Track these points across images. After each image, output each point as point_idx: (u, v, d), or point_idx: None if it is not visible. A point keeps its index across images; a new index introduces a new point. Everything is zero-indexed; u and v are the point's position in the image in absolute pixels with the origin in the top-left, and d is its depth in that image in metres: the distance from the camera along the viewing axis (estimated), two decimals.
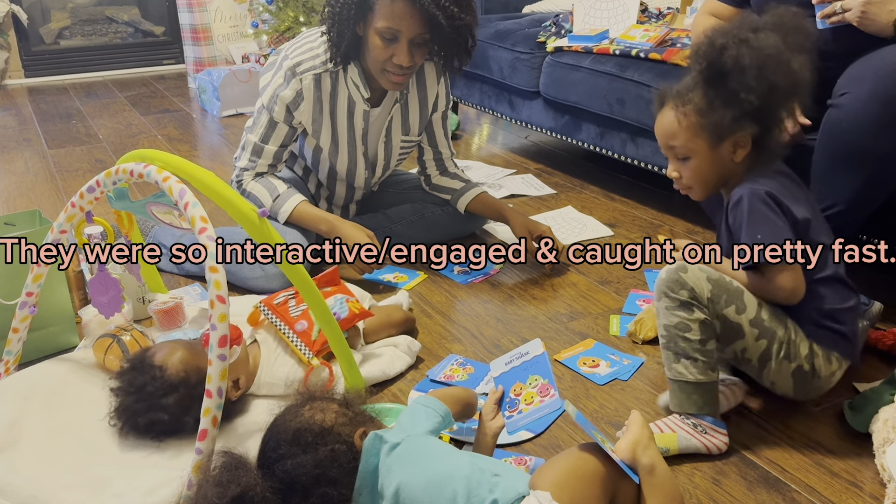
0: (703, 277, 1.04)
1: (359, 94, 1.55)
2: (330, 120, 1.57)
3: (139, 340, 1.23)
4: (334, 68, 1.53)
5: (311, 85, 1.53)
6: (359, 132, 1.60)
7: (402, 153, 1.71)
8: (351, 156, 1.62)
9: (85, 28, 4.21)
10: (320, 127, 1.58)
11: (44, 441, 1.07)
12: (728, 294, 1.04)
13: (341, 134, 1.59)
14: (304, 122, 1.57)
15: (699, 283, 1.03)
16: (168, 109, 3.33)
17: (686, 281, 1.03)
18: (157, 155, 1.05)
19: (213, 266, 0.94)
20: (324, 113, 1.56)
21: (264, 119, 1.57)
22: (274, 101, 1.55)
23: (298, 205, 1.57)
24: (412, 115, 1.65)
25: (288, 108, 1.55)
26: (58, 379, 1.19)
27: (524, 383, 1.00)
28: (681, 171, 1.11)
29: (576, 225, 1.92)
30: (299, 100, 1.54)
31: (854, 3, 1.23)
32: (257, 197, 1.59)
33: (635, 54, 1.93)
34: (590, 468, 0.83)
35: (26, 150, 2.72)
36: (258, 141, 1.58)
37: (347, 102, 1.56)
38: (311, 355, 1.18)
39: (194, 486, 0.91)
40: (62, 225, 1.13)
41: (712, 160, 1.08)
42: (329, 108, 1.56)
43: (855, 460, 1.04)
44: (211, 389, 0.93)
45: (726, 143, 1.07)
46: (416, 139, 1.69)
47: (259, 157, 1.59)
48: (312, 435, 0.84)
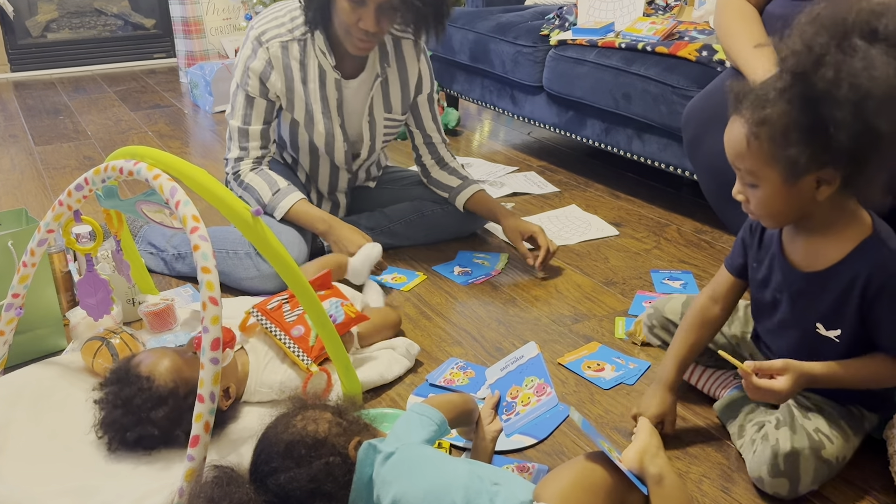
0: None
1: (326, 61, 1.55)
2: (302, 88, 1.57)
3: (129, 344, 1.21)
4: (302, 36, 1.53)
5: (278, 52, 1.53)
6: (333, 102, 1.59)
7: (386, 133, 1.70)
8: (327, 126, 1.61)
9: (73, 20, 4.17)
10: (293, 96, 1.57)
11: (30, 447, 1.05)
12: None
13: (314, 103, 1.59)
14: (278, 94, 1.57)
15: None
16: (159, 105, 3.30)
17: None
18: (148, 152, 1.04)
19: (206, 267, 0.92)
20: (295, 81, 1.56)
21: (241, 98, 1.57)
22: (246, 76, 1.55)
23: (298, 202, 1.56)
24: (393, 94, 1.64)
25: (261, 80, 1.55)
26: (45, 383, 1.18)
27: (520, 386, 1.00)
28: (748, 196, 0.89)
29: (580, 224, 1.90)
30: (269, 69, 1.54)
31: None
32: (256, 189, 1.58)
33: (642, 48, 1.91)
34: (596, 478, 0.82)
35: (12, 146, 2.69)
36: (241, 124, 1.58)
37: (318, 71, 1.56)
38: (309, 362, 1.16)
39: (185, 494, 0.89)
40: (49, 224, 1.12)
41: (787, 195, 0.85)
42: (300, 76, 1.56)
43: (868, 468, 1.02)
44: (203, 394, 0.91)
45: (806, 179, 0.84)
46: (399, 118, 1.68)
47: (248, 141, 1.59)
48: (306, 447, 0.82)
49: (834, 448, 0.97)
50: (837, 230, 0.90)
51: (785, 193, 0.85)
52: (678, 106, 1.74)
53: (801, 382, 0.92)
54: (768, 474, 0.95)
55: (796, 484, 0.95)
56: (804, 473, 0.94)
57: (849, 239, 0.90)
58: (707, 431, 1.11)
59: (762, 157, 0.83)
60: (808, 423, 0.97)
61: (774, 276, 0.97)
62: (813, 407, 1.00)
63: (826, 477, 0.97)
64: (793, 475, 0.94)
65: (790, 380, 0.90)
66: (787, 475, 0.94)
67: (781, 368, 0.91)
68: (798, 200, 0.86)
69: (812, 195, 0.85)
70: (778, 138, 0.81)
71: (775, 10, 1.39)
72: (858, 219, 0.90)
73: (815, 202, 0.86)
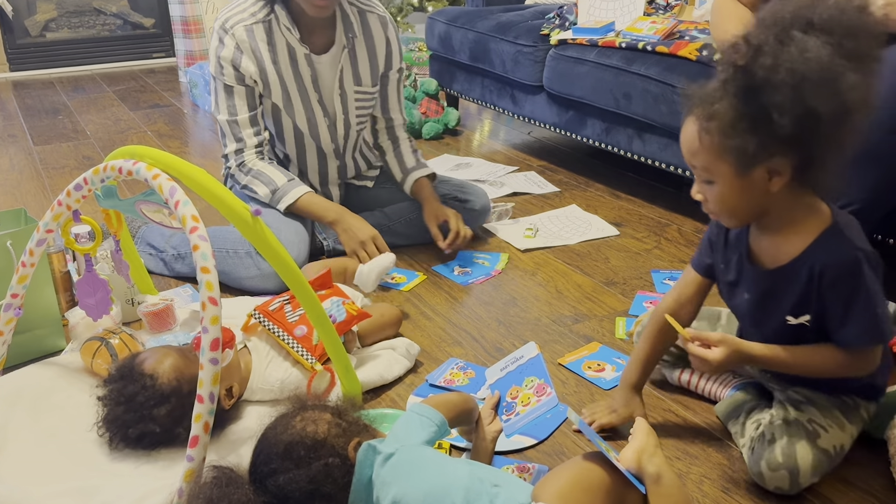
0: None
1: (292, 36, 1.57)
2: (274, 69, 1.58)
3: (128, 344, 1.21)
4: (265, 18, 1.55)
5: (244, 36, 1.55)
6: (307, 80, 1.61)
7: (359, 108, 1.70)
8: (306, 105, 1.63)
9: (72, 20, 4.16)
10: (267, 77, 1.58)
11: (30, 448, 1.05)
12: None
13: (290, 83, 1.60)
14: (253, 77, 1.58)
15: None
16: (158, 104, 3.30)
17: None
18: (147, 151, 1.04)
19: (205, 267, 0.92)
20: (266, 62, 1.57)
21: (220, 90, 1.59)
22: (220, 66, 1.57)
23: (308, 192, 1.59)
24: (362, 66, 1.66)
25: (234, 66, 1.56)
26: (44, 383, 1.18)
27: (520, 386, 1.00)
28: (706, 195, 0.92)
29: (580, 224, 1.90)
30: (239, 53, 1.55)
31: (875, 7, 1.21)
32: (269, 177, 1.60)
33: (642, 47, 1.91)
34: (594, 478, 0.81)
35: (11, 146, 2.68)
36: (228, 117, 1.60)
37: (287, 50, 1.58)
38: (313, 361, 1.16)
39: (185, 495, 0.89)
40: (48, 224, 1.12)
41: (741, 189, 0.87)
42: (270, 56, 1.57)
43: (869, 468, 1.02)
44: (202, 394, 0.90)
45: (758, 170, 0.85)
46: (370, 91, 1.70)
47: (240, 131, 1.60)
48: (305, 448, 0.82)
49: (830, 437, 0.97)
50: (797, 225, 0.92)
51: (739, 187, 0.87)
52: (679, 105, 1.73)
53: (734, 357, 0.94)
54: (767, 468, 0.96)
55: (796, 475, 0.95)
56: (802, 463, 0.95)
57: (808, 232, 0.91)
58: (708, 432, 1.11)
59: (714, 151, 0.86)
60: (801, 415, 0.99)
61: (743, 277, 0.99)
62: (804, 400, 1.01)
63: (826, 468, 0.97)
64: (791, 466, 0.95)
65: (722, 352, 0.93)
66: (786, 467, 0.95)
67: (718, 341, 0.94)
68: (753, 194, 0.88)
69: (766, 187, 0.86)
70: (727, 130, 0.83)
71: None
72: (817, 212, 0.92)
73: (771, 196, 0.87)
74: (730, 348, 0.93)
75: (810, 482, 0.96)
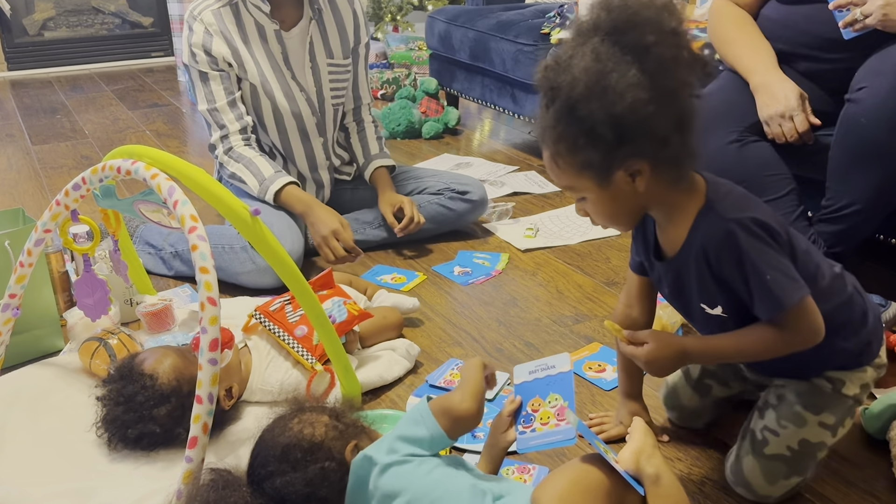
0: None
1: (262, 13, 1.59)
2: (246, 49, 1.60)
3: (127, 344, 1.21)
4: (232, 0, 1.58)
5: (212, 19, 1.58)
6: (279, 57, 1.63)
7: (333, 80, 1.71)
8: (283, 84, 1.64)
9: (70, 19, 4.16)
10: (240, 58, 1.60)
11: (28, 449, 1.05)
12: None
13: (263, 62, 1.61)
14: (227, 59, 1.59)
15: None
16: (157, 104, 3.29)
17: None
18: (146, 151, 1.04)
19: (204, 267, 0.92)
20: (237, 42, 1.59)
21: (197, 80, 1.61)
22: (192, 54, 1.59)
23: (290, 183, 1.59)
24: (332, 39, 1.68)
25: (205, 51, 1.58)
26: (42, 384, 1.18)
27: (544, 399, 0.94)
28: (586, 210, 0.90)
29: (581, 224, 1.89)
30: (209, 37, 1.58)
31: (874, 7, 1.21)
32: (258, 166, 1.61)
33: None
34: (594, 480, 0.80)
35: (9, 146, 2.68)
36: (208, 105, 1.61)
37: (257, 29, 1.60)
38: (314, 361, 1.16)
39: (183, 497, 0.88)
40: (46, 224, 1.12)
41: (611, 197, 0.86)
42: (240, 37, 1.60)
43: (871, 469, 1.02)
44: (201, 395, 0.90)
45: (617, 176, 0.84)
46: (343, 63, 1.71)
47: (221, 117, 1.62)
48: (302, 451, 0.82)
49: (781, 440, 0.95)
50: (679, 211, 0.90)
51: (608, 196, 0.86)
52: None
53: (667, 352, 0.91)
54: (732, 483, 1.00)
55: (753, 489, 0.97)
56: (751, 477, 0.96)
57: (689, 215, 0.89)
58: (710, 433, 1.11)
59: (571, 170, 0.85)
60: (758, 422, 0.98)
61: (657, 271, 0.97)
62: (775, 400, 0.98)
63: (795, 469, 0.95)
64: (744, 482, 0.97)
65: (647, 349, 0.91)
66: (741, 484, 0.98)
67: (646, 337, 0.93)
68: (624, 198, 0.86)
69: (632, 189, 0.85)
70: (572, 149, 0.83)
71: (770, 13, 1.39)
72: (694, 193, 0.89)
73: (642, 194, 0.86)
74: (658, 343, 0.91)
75: (785, 487, 0.95)
